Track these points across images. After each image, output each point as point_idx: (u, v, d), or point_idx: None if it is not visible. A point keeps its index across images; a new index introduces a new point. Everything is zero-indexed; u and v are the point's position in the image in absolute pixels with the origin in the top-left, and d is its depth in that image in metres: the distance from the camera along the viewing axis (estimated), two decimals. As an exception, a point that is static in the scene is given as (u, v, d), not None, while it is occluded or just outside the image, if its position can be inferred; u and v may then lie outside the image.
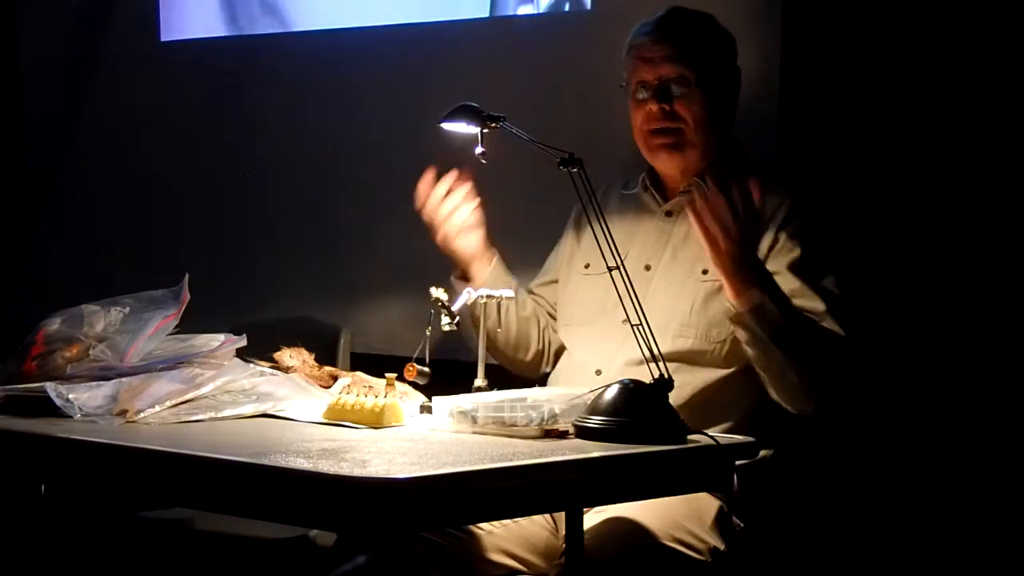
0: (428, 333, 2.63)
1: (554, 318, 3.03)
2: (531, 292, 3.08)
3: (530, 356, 3.02)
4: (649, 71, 2.86)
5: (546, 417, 2.35)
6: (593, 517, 2.63)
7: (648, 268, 2.86)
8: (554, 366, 3.00)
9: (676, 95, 2.84)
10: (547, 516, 2.75)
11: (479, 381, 2.66)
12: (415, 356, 2.61)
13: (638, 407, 2.33)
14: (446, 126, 2.69)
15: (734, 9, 3.11)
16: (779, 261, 2.76)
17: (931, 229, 3.09)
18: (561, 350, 3.00)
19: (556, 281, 3.04)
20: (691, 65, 2.84)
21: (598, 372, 2.80)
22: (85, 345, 2.62)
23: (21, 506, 3.25)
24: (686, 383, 2.71)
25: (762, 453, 2.61)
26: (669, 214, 2.92)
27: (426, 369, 2.61)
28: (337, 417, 2.45)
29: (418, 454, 2.20)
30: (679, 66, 2.84)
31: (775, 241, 2.78)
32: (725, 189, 2.60)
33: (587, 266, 2.96)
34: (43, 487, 2.88)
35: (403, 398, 2.57)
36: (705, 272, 2.79)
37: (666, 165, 2.91)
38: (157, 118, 4.39)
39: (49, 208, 4.64)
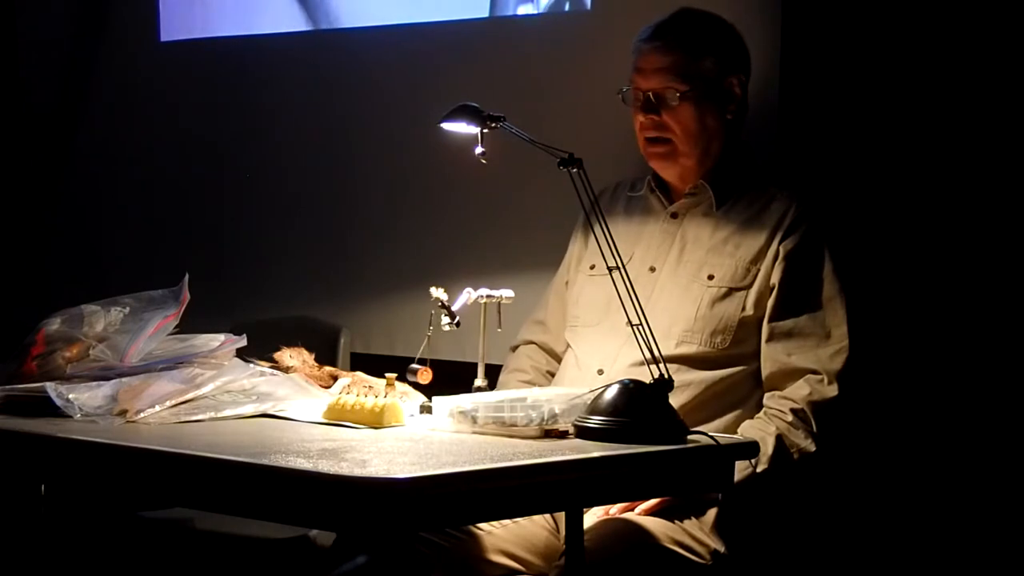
0: (429, 334, 2.63)
1: (556, 360, 3.02)
2: (531, 342, 3.07)
3: None
4: (641, 81, 2.88)
5: (546, 417, 2.35)
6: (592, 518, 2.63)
7: (653, 270, 2.86)
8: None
9: (666, 107, 2.85)
10: (547, 516, 2.75)
11: (479, 381, 2.66)
12: (417, 357, 2.61)
13: (638, 407, 2.33)
14: (446, 126, 2.69)
15: (734, 9, 3.10)
16: (775, 275, 2.77)
17: (932, 229, 3.09)
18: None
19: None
20: (682, 78, 2.84)
21: (600, 372, 2.80)
22: (85, 345, 2.62)
23: (21, 506, 3.25)
24: (688, 383, 2.72)
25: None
26: (674, 216, 2.92)
27: (417, 368, 2.62)
28: (337, 417, 2.45)
29: (418, 454, 2.20)
30: (668, 79, 2.85)
31: (776, 254, 2.78)
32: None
33: (592, 267, 2.96)
34: (43, 487, 2.88)
35: (403, 398, 2.57)
36: (711, 277, 2.79)
37: (662, 172, 2.94)
38: (157, 118, 4.39)
39: (49, 208, 4.63)
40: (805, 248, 2.79)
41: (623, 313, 2.44)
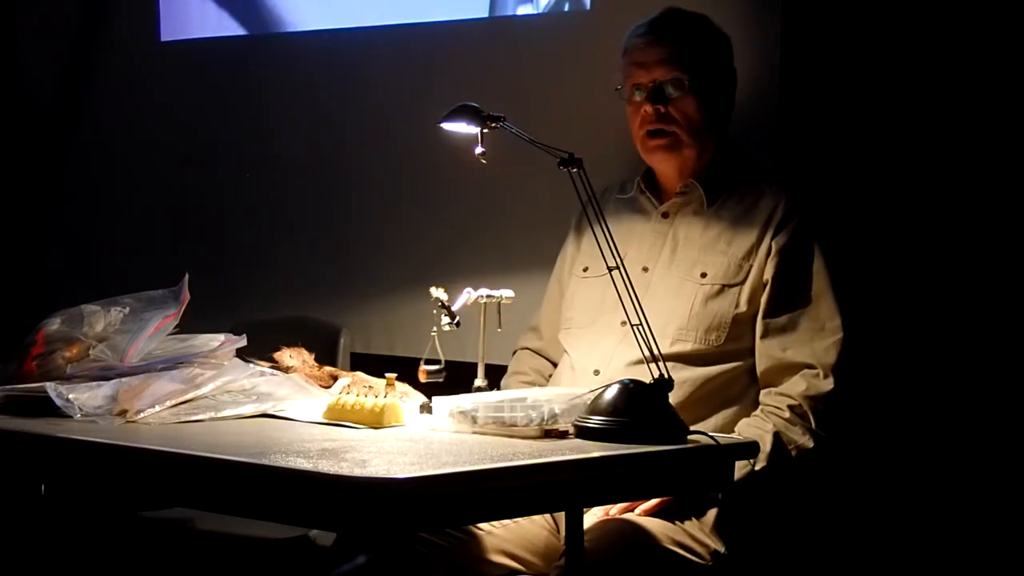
0: (434, 333, 2.63)
1: (553, 365, 3.03)
2: (527, 348, 3.08)
3: None
4: (643, 74, 2.87)
5: (546, 417, 2.35)
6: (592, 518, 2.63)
7: (646, 270, 2.86)
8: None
9: (670, 97, 2.85)
10: (547, 516, 2.75)
11: (479, 381, 2.66)
12: (424, 357, 2.61)
13: (638, 407, 2.33)
14: (446, 126, 2.69)
15: (733, 9, 3.11)
16: (768, 270, 2.77)
17: (931, 229, 3.09)
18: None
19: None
20: (685, 67, 2.85)
21: (596, 372, 2.80)
22: (85, 345, 2.62)
23: (21, 506, 3.25)
24: (684, 380, 2.72)
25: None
26: (665, 216, 2.92)
27: (435, 368, 2.61)
28: (337, 417, 2.45)
29: (418, 454, 2.20)
30: (673, 68, 2.85)
31: (768, 249, 2.78)
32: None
33: (585, 269, 2.96)
34: (43, 487, 2.88)
35: (403, 398, 2.57)
36: (704, 275, 2.80)
37: (663, 165, 2.92)
38: (157, 118, 4.39)
39: (50, 208, 4.63)
40: (796, 243, 2.79)
41: (617, 312, 2.44)
